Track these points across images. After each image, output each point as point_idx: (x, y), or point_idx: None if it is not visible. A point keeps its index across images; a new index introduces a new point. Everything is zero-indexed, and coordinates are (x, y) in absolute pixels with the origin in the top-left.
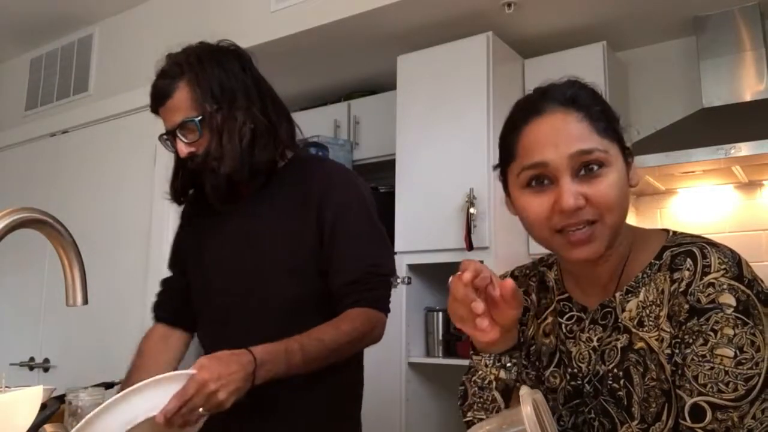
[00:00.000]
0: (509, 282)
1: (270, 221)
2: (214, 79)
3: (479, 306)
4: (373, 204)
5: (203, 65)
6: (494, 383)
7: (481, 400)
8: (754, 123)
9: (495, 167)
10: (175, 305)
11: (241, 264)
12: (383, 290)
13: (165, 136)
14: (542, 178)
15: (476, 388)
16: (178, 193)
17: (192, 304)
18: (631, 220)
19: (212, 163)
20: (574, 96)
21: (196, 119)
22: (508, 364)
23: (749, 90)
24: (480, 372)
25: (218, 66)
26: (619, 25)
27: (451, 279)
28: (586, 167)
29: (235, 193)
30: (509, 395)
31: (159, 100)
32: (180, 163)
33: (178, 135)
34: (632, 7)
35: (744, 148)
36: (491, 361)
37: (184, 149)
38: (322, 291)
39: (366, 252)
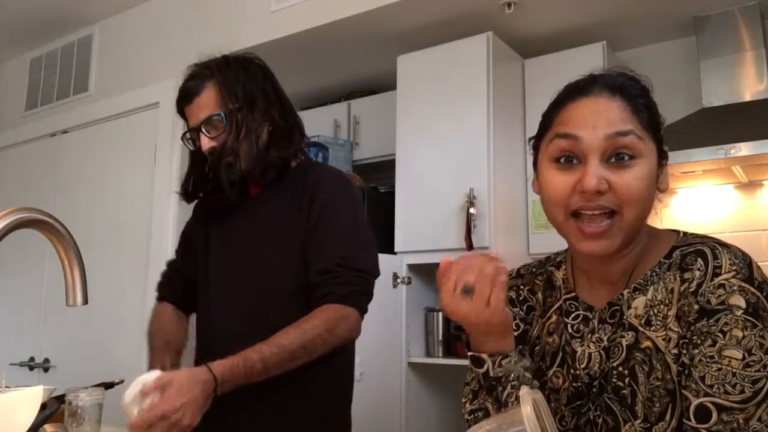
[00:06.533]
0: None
1: (270, 222)
2: (238, 83)
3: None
4: (362, 208)
5: (230, 69)
6: (529, 374)
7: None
8: (754, 123)
9: (530, 140)
10: (179, 287)
11: (243, 262)
12: (355, 285)
13: (188, 135)
14: (572, 157)
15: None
16: (189, 193)
17: (192, 292)
18: None
19: (229, 157)
20: (623, 85)
21: (222, 114)
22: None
23: (749, 90)
24: (513, 373)
25: (243, 71)
26: (619, 25)
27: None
28: (617, 156)
29: (245, 191)
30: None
31: (187, 98)
32: (194, 165)
33: (203, 130)
34: (632, 7)
35: (744, 148)
36: (517, 357)
37: (207, 143)
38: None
39: (341, 245)
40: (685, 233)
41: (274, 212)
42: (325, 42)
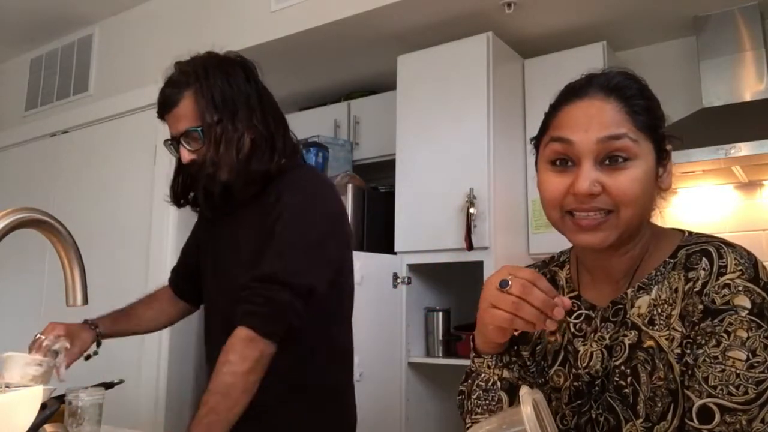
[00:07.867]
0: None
1: (246, 226)
2: (217, 90)
3: (564, 303)
4: (326, 217)
5: (208, 76)
6: (499, 383)
7: (486, 402)
8: (754, 123)
9: (532, 140)
10: (178, 270)
11: (225, 265)
12: (267, 306)
13: (169, 141)
14: (567, 160)
15: (480, 391)
16: (177, 196)
17: (188, 275)
18: None
19: (210, 169)
20: (619, 85)
21: (199, 129)
22: (510, 363)
23: (749, 90)
24: (483, 374)
25: (223, 76)
26: (619, 25)
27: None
28: (611, 158)
29: (230, 202)
30: (514, 394)
31: (165, 107)
32: (181, 167)
33: (182, 142)
34: (632, 7)
35: (744, 148)
36: (494, 362)
37: (187, 156)
38: None
39: (273, 260)
40: (690, 232)
41: (250, 216)
42: (325, 42)
